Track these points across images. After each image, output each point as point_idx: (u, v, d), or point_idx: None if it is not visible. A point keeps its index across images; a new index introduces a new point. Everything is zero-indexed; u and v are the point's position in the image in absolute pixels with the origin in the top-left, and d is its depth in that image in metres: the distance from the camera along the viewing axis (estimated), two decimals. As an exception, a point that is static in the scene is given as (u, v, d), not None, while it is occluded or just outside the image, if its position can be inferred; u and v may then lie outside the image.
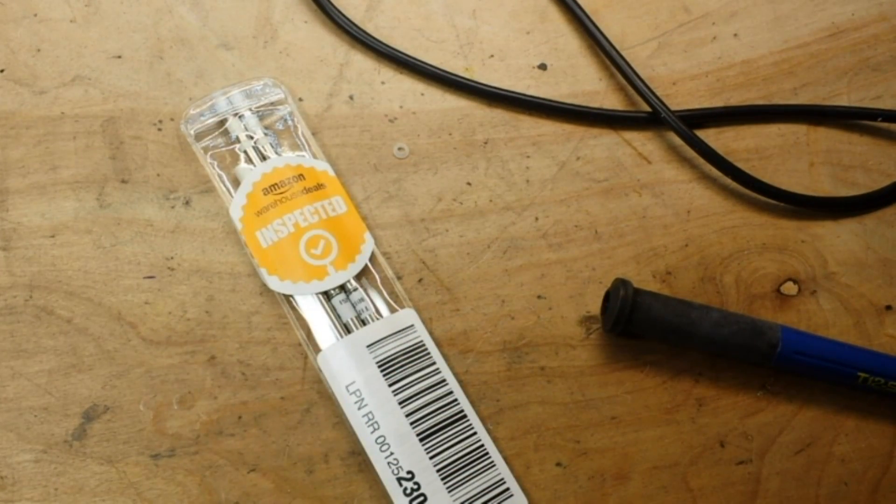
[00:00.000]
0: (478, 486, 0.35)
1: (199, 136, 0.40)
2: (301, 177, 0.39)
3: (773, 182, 0.43)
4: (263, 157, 0.40)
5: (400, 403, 0.36)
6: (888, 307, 0.41)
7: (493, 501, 0.35)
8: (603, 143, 0.44)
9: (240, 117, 0.40)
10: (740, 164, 0.43)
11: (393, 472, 0.35)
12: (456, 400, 0.36)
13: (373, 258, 0.39)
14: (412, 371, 0.36)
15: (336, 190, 0.40)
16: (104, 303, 0.37)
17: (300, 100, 0.42)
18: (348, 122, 0.42)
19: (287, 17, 0.44)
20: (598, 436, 0.37)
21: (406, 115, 0.43)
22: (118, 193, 0.39)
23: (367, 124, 0.42)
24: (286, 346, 0.37)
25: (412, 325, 0.37)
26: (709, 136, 0.44)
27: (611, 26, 0.47)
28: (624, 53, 0.45)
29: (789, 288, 0.41)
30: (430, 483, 0.35)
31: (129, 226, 0.39)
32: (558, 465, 0.37)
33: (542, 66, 0.45)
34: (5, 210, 0.38)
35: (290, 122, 0.41)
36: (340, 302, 0.38)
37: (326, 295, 0.38)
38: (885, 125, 0.46)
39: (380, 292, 0.39)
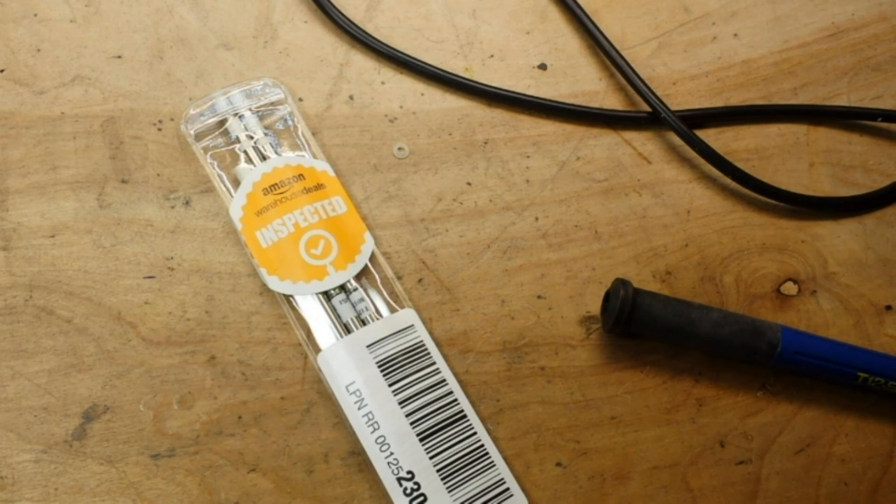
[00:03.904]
0: (478, 486, 0.35)
1: (199, 136, 0.40)
2: (301, 177, 0.39)
3: (773, 182, 0.43)
4: (263, 157, 0.40)
5: (400, 403, 0.36)
6: (888, 307, 0.41)
7: (493, 501, 0.35)
8: (603, 143, 0.44)
9: (240, 117, 0.40)
10: (740, 164, 0.43)
11: (393, 472, 0.35)
12: (456, 400, 0.36)
13: (373, 258, 0.39)
14: (412, 371, 0.36)
15: (336, 190, 0.40)
16: (104, 303, 0.37)
17: (300, 100, 0.42)
18: (348, 122, 0.42)
19: (287, 17, 0.44)
20: (598, 436, 0.37)
21: (406, 115, 0.43)
22: (118, 193, 0.39)
23: (367, 124, 0.42)
24: (286, 346, 0.37)
25: (412, 325, 0.37)
26: (709, 136, 0.44)
27: (611, 26, 0.47)
28: (624, 53, 0.45)
29: (789, 288, 0.41)
30: (430, 483, 0.35)
31: (129, 226, 0.39)
32: (558, 465, 0.37)
33: (542, 66, 0.45)
34: (5, 210, 0.38)
35: (290, 122, 0.41)
36: (340, 302, 0.38)
37: (326, 295, 0.38)
38: (885, 125, 0.46)
39: (380, 292, 0.39)
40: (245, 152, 0.40)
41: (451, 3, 0.46)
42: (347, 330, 0.37)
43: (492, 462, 0.36)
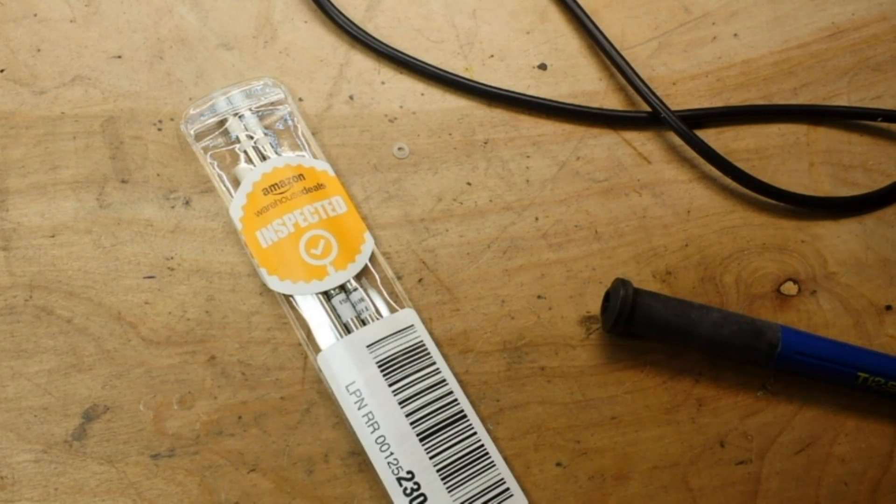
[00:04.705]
0: (478, 486, 0.35)
1: (199, 136, 0.40)
2: (301, 177, 0.39)
3: (773, 182, 0.43)
4: (263, 157, 0.40)
5: (400, 403, 0.36)
6: (888, 307, 0.41)
7: (493, 501, 0.35)
8: (603, 143, 0.44)
9: (240, 117, 0.40)
10: (740, 164, 0.43)
11: (393, 472, 0.35)
12: (456, 400, 0.36)
13: (373, 258, 0.39)
14: (412, 371, 0.36)
15: (336, 190, 0.40)
16: (104, 303, 0.37)
17: (300, 100, 0.42)
18: (348, 122, 0.42)
19: (287, 17, 0.44)
20: (598, 436, 0.37)
21: (406, 115, 0.43)
22: (118, 193, 0.39)
23: (367, 124, 0.42)
24: (286, 346, 0.37)
25: (412, 325, 0.37)
26: (709, 136, 0.44)
27: (611, 26, 0.47)
28: (624, 53, 0.45)
29: (789, 288, 0.41)
30: (430, 483, 0.35)
31: (129, 226, 0.39)
32: (558, 465, 0.37)
33: (542, 66, 0.45)
34: (5, 210, 0.38)
35: (290, 122, 0.41)
36: (340, 302, 0.38)
37: (326, 295, 0.38)
38: (885, 125, 0.46)
39: (380, 292, 0.39)
40: (245, 152, 0.40)
41: (451, 3, 0.46)
42: (347, 330, 0.37)
43: (492, 462, 0.36)
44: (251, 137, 0.40)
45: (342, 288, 0.38)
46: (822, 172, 0.44)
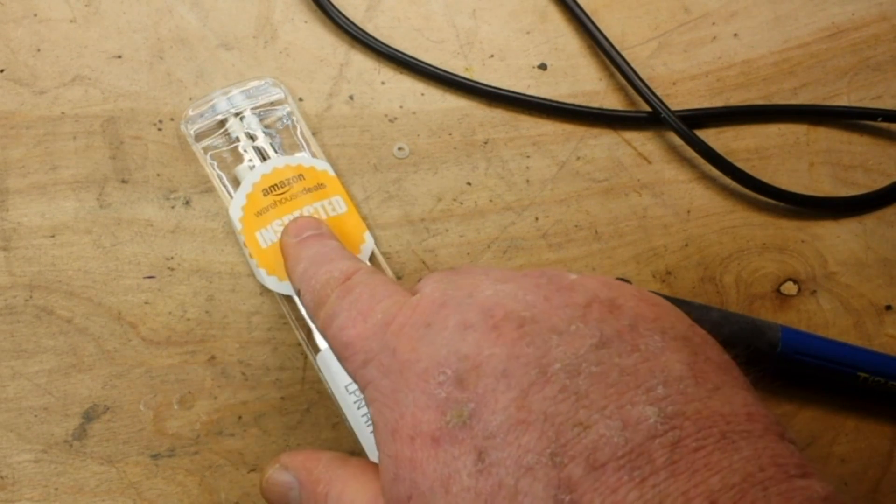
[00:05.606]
0: (478, 486, 0.35)
1: (199, 136, 0.40)
2: (301, 177, 0.39)
3: (773, 182, 0.43)
4: (264, 158, 0.40)
5: (400, 403, 0.35)
6: (888, 307, 0.41)
7: (493, 501, 0.35)
8: (603, 143, 0.44)
9: (240, 117, 0.40)
10: (740, 164, 0.43)
11: (393, 472, 0.35)
12: (456, 400, 0.36)
13: (373, 258, 0.39)
14: (412, 371, 0.36)
15: (336, 190, 0.40)
16: (104, 303, 0.37)
17: (300, 100, 0.42)
18: (348, 122, 0.42)
19: (287, 17, 0.44)
20: (598, 436, 0.37)
21: (406, 115, 0.43)
22: (118, 193, 0.39)
23: (367, 124, 0.42)
24: (286, 346, 0.37)
25: (412, 325, 0.37)
26: (709, 136, 0.44)
27: (611, 26, 0.47)
28: (624, 53, 0.45)
29: (789, 288, 0.41)
30: (430, 483, 0.34)
31: (129, 226, 0.39)
32: (558, 465, 0.37)
33: (542, 66, 0.45)
34: (5, 210, 0.38)
35: (290, 122, 0.41)
36: (340, 302, 0.37)
37: (326, 295, 0.38)
38: (885, 125, 0.46)
39: (380, 292, 0.38)
40: (245, 152, 0.40)
41: (451, 3, 0.46)
42: (347, 330, 0.37)
43: (492, 462, 0.36)
44: (251, 137, 0.40)
45: (342, 288, 0.38)
46: (822, 172, 0.44)
